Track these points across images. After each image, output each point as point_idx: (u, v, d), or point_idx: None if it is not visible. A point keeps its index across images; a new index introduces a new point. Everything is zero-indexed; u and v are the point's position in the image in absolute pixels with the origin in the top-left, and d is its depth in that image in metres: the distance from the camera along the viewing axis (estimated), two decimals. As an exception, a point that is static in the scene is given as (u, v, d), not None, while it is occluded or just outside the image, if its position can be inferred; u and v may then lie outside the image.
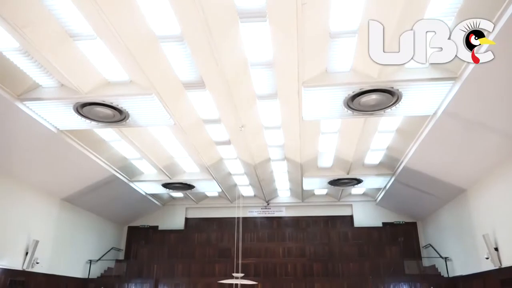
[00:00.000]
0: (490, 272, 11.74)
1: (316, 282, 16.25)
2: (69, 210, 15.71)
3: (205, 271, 17.58)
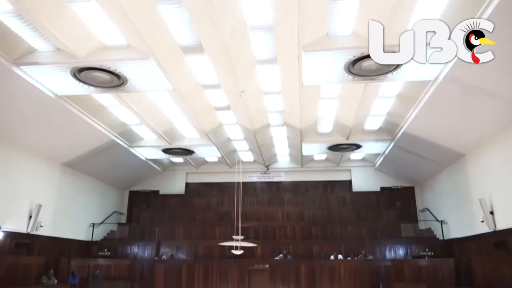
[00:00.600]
0: (484, 235, 12.01)
1: (314, 244, 16.66)
2: (70, 175, 15.86)
3: (206, 234, 17.99)
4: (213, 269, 15.26)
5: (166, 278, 15.21)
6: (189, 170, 21.40)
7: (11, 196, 12.49)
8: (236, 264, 15.27)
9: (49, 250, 13.98)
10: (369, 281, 14.26)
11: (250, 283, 14.90)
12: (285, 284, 14.78)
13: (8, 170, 12.41)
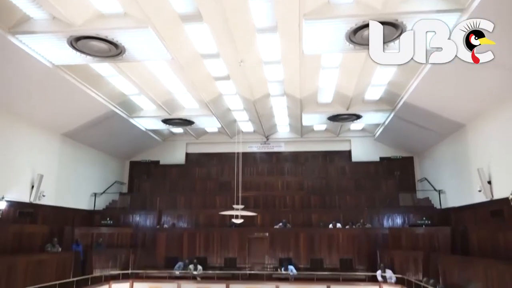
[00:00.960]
0: (481, 204, 12.17)
1: (313, 213, 16.91)
2: (71, 145, 15.90)
3: (206, 203, 18.24)
4: (214, 237, 15.57)
5: (168, 246, 15.57)
6: (189, 141, 21.44)
7: (12, 167, 12.57)
8: (236, 232, 15.57)
9: (53, 219, 14.20)
10: (366, 248, 14.57)
11: (250, 251, 15.23)
12: (285, 252, 15.12)
13: (8, 141, 12.43)
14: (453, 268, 10.74)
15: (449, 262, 11.11)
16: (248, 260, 15.13)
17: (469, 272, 9.88)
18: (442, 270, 11.14)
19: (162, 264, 15.00)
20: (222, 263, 15.20)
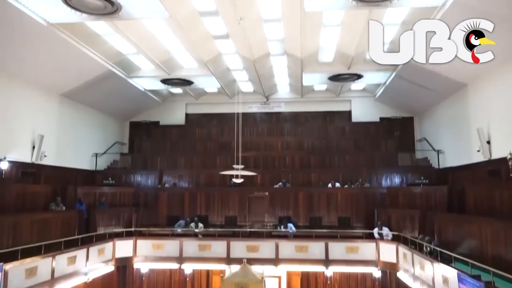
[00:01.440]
0: (479, 163, 12.29)
1: (313, 173, 17.12)
2: (70, 106, 15.85)
3: (207, 164, 18.42)
4: (215, 196, 15.87)
5: (169, 205, 15.90)
6: (189, 101, 21.34)
7: (12, 127, 12.59)
8: (236, 192, 15.84)
9: (55, 179, 14.38)
10: (364, 207, 14.88)
11: (250, 209, 15.57)
12: (284, 210, 15.45)
13: (7, 101, 12.36)
14: (448, 225, 10.99)
15: (445, 220, 11.36)
16: (248, 218, 15.49)
17: (464, 230, 10.13)
18: (438, 228, 11.42)
19: (164, 223, 15.37)
20: (222, 221, 15.58)
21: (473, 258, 8.00)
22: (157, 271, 14.91)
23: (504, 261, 7.95)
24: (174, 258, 13.68)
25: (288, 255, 13.30)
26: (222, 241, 13.64)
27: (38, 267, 9.91)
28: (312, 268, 13.57)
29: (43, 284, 10.10)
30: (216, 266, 13.99)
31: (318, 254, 13.17)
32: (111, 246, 13.44)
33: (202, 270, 14.70)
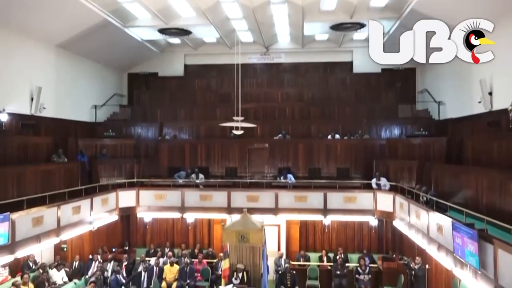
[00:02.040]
0: (480, 115, 12.25)
1: (313, 124, 17.14)
2: (67, 57, 15.55)
3: (207, 115, 18.38)
4: (215, 148, 15.99)
5: (170, 156, 16.06)
6: (187, 52, 20.88)
7: (9, 79, 12.41)
8: (236, 143, 15.93)
9: (55, 131, 14.40)
10: (363, 158, 15.03)
11: (250, 161, 15.74)
12: (284, 161, 15.63)
13: (2, 52, 12.10)
14: (445, 176, 11.16)
15: (442, 170, 11.51)
16: (249, 169, 15.70)
17: (460, 180, 10.30)
18: (435, 178, 11.60)
19: (165, 174, 15.59)
20: (223, 172, 15.80)
21: (468, 207, 8.19)
22: (160, 220, 15.35)
23: (498, 210, 8.14)
24: (176, 207, 14.02)
25: (287, 205, 13.61)
26: (223, 191, 13.91)
27: (44, 216, 10.18)
28: (311, 217, 13.94)
29: (50, 232, 10.42)
30: (217, 216, 14.38)
31: (316, 203, 13.48)
32: (114, 197, 13.73)
33: (203, 219, 15.12)
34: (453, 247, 7.99)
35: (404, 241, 13.07)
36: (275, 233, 14.41)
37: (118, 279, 11.53)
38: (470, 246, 7.16)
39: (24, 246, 9.48)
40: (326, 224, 14.48)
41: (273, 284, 11.66)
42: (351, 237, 14.68)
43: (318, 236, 14.79)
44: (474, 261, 7.09)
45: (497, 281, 6.56)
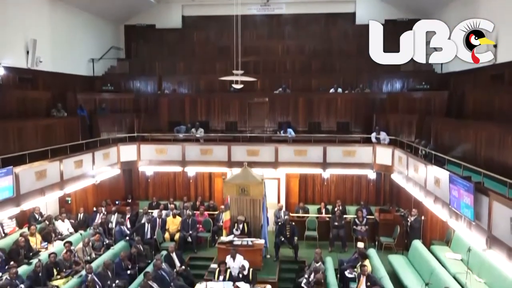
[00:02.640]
0: (483, 68, 12.01)
1: (313, 78, 16.94)
2: (61, 8, 15.08)
3: (206, 69, 18.11)
4: (215, 102, 15.91)
5: (170, 111, 16.03)
6: (185, 2, 20.17)
7: (2, 31, 12.10)
8: (236, 98, 15.83)
9: (53, 85, 14.23)
10: (364, 112, 14.99)
11: (250, 115, 15.72)
12: (284, 116, 15.61)
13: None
14: (445, 130, 11.18)
15: (442, 124, 11.51)
16: (249, 123, 15.71)
17: (460, 134, 10.32)
18: (435, 132, 11.63)
19: (165, 128, 15.63)
20: (223, 126, 15.82)
21: (466, 161, 8.28)
22: (162, 174, 15.57)
23: (496, 163, 8.23)
24: (177, 161, 14.17)
25: (287, 159, 13.76)
26: (223, 145, 14.00)
27: (47, 170, 10.33)
28: (310, 170, 14.12)
29: (53, 185, 10.61)
30: (217, 169, 14.57)
31: (316, 157, 13.61)
32: (115, 151, 13.84)
33: (204, 173, 15.33)
34: (449, 199, 8.16)
35: (401, 194, 13.34)
36: (275, 186, 14.67)
37: (122, 230, 11.86)
38: (466, 198, 7.32)
39: (29, 199, 9.70)
40: (325, 177, 14.70)
41: (272, 235, 12.02)
42: (349, 190, 14.95)
43: (317, 189, 15.05)
44: (469, 213, 7.27)
45: (490, 231, 6.77)
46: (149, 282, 8.52)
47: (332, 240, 12.34)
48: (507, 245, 6.23)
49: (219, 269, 9.20)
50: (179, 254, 10.60)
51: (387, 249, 11.90)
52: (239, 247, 10.07)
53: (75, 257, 9.84)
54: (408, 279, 9.21)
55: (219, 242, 10.82)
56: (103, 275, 8.94)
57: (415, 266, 9.94)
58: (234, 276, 9.07)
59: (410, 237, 11.16)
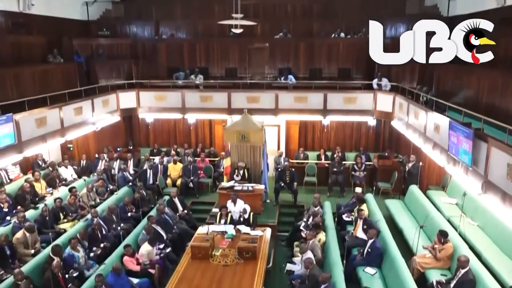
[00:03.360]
0: (492, 10, 11.63)
1: (315, 22, 16.45)
2: None
3: (204, 13, 17.48)
4: (214, 48, 15.58)
5: (168, 56, 15.73)
6: None
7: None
8: (236, 43, 15.48)
9: (48, 30, 13.80)
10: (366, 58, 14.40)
11: (250, 61, 15.45)
12: (284, 62, 15.35)
13: None
14: (447, 76, 11.03)
15: (445, 70, 11.29)
16: (249, 70, 15.47)
17: (462, 81, 10.19)
18: (437, 79, 11.48)
19: (164, 75, 15.42)
20: (223, 73, 15.60)
21: (467, 107, 8.23)
22: (162, 121, 15.57)
23: (497, 109, 8.21)
24: (177, 108, 14.13)
25: (287, 106, 13.71)
26: (223, 92, 13.89)
27: (47, 117, 10.33)
28: (310, 117, 14.12)
29: (54, 133, 10.67)
30: (218, 116, 14.56)
31: (316, 104, 13.56)
32: (114, 98, 13.76)
33: (204, 120, 15.33)
34: (448, 145, 8.23)
35: (400, 141, 13.42)
36: (275, 133, 14.73)
37: (125, 176, 12.07)
38: (464, 144, 7.38)
39: (31, 146, 9.78)
40: (325, 124, 14.71)
41: (272, 181, 12.24)
42: (349, 136, 15.02)
43: (317, 136, 15.12)
44: (467, 159, 7.36)
45: (486, 176, 6.89)
46: (153, 225, 8.82)
47: (331, 186, 12.59)
48: (502, 189, 6.37)
49: (220, 213, 9.46)
50: (181, 199, 10.87)
51: (384, 194, 12.18)
52: (240, 192, 10.30)
53: (80, 202, 10.09)
54: (404, 222, 9.51)
55: (220, 187, 11.04)
56: (108, 219, 9.23)
57: (411, 210, 10.23)
58: (235, 219, 9.36)
59: (408, 183, 11.38)
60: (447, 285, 6.53)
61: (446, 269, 7.32)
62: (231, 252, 7.93)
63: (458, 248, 7.23)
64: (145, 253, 8.03)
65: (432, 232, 8.24)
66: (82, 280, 7.13)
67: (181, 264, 7.63)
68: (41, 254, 7.60)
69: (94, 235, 8.50)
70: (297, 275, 7.61)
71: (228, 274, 7.25)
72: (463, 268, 6.34)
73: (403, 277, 6.60)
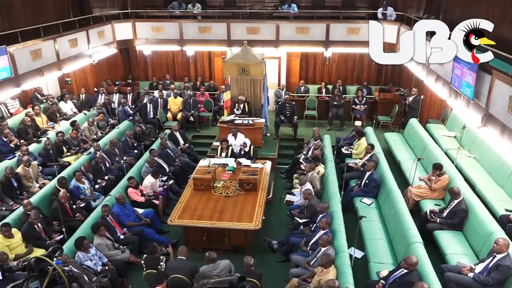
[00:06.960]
0: None
1: None
2: None
3: None
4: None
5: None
6: None
7: None
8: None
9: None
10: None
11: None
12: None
13: None
14: (456, 4, 10.56)
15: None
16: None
17: (471, 10, 9.75)
18: (445, 7, 11.00)
19: (161, 4, 14.80)
20: (221, 2, 14.95)
21: (474, 38, 7.97)
22: (160, 53, 15.20)
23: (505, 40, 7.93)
24: (175, 40, 13.75)
25: (288, 37, 13.32)
26: (222, 23, 13.42)
27: (42, 49, 10.09)
28: (312, 49, 13.77)
29: (51, 65, 10.49)
30: (217, 48, 14.19)
31: (318, 35, 13.16)
32: (110, 29, 13.34)
33: (203, 52, 14.95)
34: (451, 78, 8.11)
35: (402, 74, 13.22)
36: (275, 65, 14.45)
37: (125, 110, 12.05)
38: (468, 77, 7.26)
39: (28, 79, 9.68)
40: (327, 56, 14.37)
41: (273, 114, 12.24)
42: (350, 69, 14.73)
43: (318, 69, 14.85)
44: (469, 92, 7.29)
45: (487, 109, 6.87)
46: (155, 158, 8.97)
47: (331, 119, 12.60)
48: (502, 122, 6.38)
49: (221, 147, 9.58)
50: (182, 132, 10.95)
51: (384, 128, 12.23)
52: (240, 126, 10.35)
53: (82, 136, 10.18)
54: (402, 155, 9.65)
55: (221, 121, 11.05)
56: (111, 152, 9.38)
57: (409, 143, 10.33)
58: (236, 152, 9.50)
59: (408, 116, 11.38)
60: (440, 214, 6.79)
61: (441, 200, 7.56)
62: (233, 184, 8.15)
63: (454, 179, 7.39)
64: (148, 185, 8.27)
65: (429, 164, 8.38)
66: (90, 211, 7.42)
67: (184, 195, 7.88)
68: (48, 186, 7.82)
69: (98, 168, 8.69)
70: (296, 205, 7.90)
71: (230, 205, 7.51)
72: (455, 198, 6.54)
73: (398, 207, 6.83)
